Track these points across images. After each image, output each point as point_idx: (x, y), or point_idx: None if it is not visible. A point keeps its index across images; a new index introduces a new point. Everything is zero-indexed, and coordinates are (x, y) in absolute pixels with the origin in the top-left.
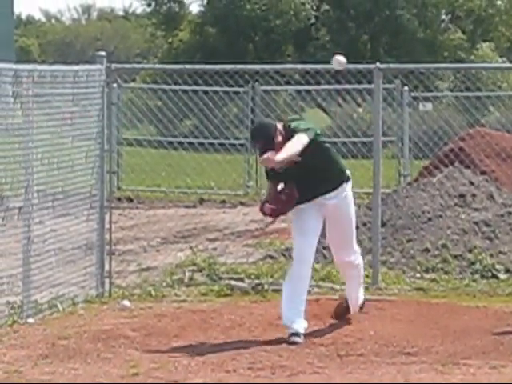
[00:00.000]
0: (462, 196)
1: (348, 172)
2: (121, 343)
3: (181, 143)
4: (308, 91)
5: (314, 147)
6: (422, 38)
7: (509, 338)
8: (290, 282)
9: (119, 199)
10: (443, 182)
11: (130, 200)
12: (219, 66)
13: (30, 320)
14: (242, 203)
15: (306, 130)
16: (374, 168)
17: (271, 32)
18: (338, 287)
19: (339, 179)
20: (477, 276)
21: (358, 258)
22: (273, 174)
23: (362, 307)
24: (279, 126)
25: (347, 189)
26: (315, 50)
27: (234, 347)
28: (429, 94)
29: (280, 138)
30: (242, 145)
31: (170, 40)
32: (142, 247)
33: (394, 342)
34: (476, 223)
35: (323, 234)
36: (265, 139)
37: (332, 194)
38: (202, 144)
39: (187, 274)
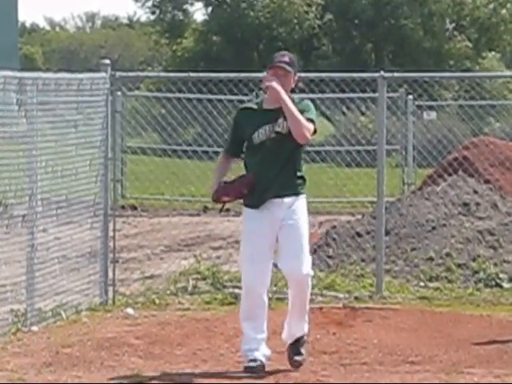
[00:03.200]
0: (465, 205)
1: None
2: (124, 351)
3: (185, 151)
4: (312, 99)
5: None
6: (427, 47)
7: None
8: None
9: (123, 207)
10: (447, 191)
11: (134, 208)
12: (223, 74)
13: (34, 328)
14: None
15: (313, 121)
16: (378, 177)
17: (275, 40)
18: (341, 296)
19: (299, 188)
20: (481, 285)
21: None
22: (249, 149)
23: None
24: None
25: (302, 203)
26: (319, 59)
27: (238, 356)
28: (433, 103)
29: (292, 85)
30: None
31: (174, 48)
32: (145, 255)
33: (398, 350)
34: (480, 232)
35: (326, 244)
36: (291, 62)
37: (288, 199)
38: (206, 152)
39: (191, 282)
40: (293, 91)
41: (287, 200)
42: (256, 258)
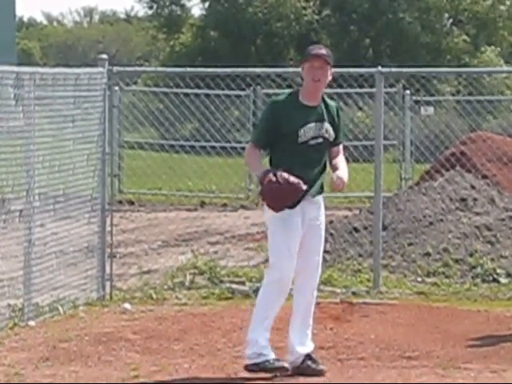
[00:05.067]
0: (463, 200)
1: None
2: (122, 346)
3: (182, 146)
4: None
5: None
6: (425, 42)
7: (510, 343)
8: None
9: (120, 202)
10: (444, 186)
11: (132, 203)
12: (221, 70)
13: (31, 323)
14: (243, 206)
15: (343, 136)
16: (376, 171)
17: (273, 35)
18: (338, 291)
19: (322, 189)
20: (478, 280)
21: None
22: (287, 145)
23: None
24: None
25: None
26: None
27: (235, 350)
28: (430, 98)
29: (330, 77)
30: (243, 148)
31: (171, 43)
32: (143, 250)
33: (395, 345)
34: (477, 227)
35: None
36: (328, 55)
37: (318, 197)
38: (203, 147)
39: (188, 277)
40: (290, 86)
41: (317, 198)
42: (293, 254)
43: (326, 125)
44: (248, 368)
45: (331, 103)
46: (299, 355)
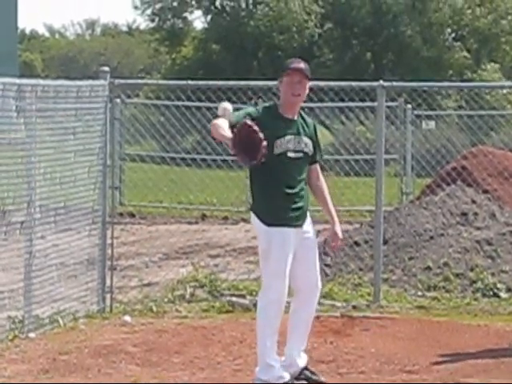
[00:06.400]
0: (464, 214)
1: None
2: (122, 359)
3: (183, 159)
4: (311, 108)
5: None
6: (426, 56)
7: (510, 357)
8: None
9: (121, 214)
10: (445, 201)
11: (132, 215)
12: (222, 82)
13: (31, 335)
14: (244, 220)
15: (321, 155)
16: (377, 186)
17: (275, 49)
18: (339, 304)
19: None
20: (478, 295)
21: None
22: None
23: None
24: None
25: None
26: (318, 68)
27: (235, 364)
28: (432, 113)
29: (307, 91)
30: None
31: (173, 56)
32: (143, 263)
33: (395, 359)
34: (478, 242)
35: (324, 253)
36: (307, 69)
37: (305, 227)
38: (204, 160)
39: (189, 290)
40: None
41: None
42: (286, 272)
43: (305, 139)
44: None
45: (309, 120)
46: (298, 368)
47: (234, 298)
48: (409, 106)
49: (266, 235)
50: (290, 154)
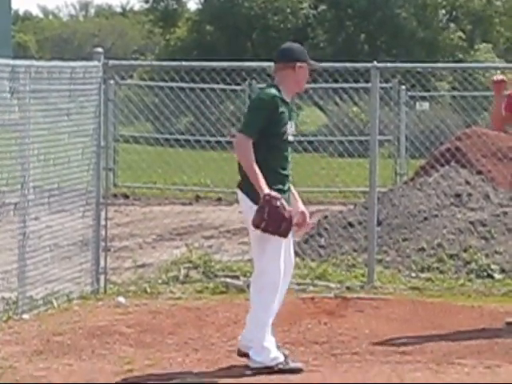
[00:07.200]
0: (458, 195)
1: None
2: (115, 340)
3: (177, 140)
4: (305, 89)
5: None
6: (421, 37)
7: (504, 338)
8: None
9: (115, 196)
10: (439, 182)
11: (126, 197)
12: (216, 64)
13: (25, 316)
14: (237, 201)
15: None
16: (371, 167)
17: (269, 30)
18: (333, 286)
19: None
20: (472, 276)
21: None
22: (276, 142)
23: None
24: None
25: None
26: (312, 49)
27: (229, 345)
28: (426, 94)
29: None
30: None
31: (167, 37)
32: (137, 244)
33: (389, 340)
34: (472, 223)
35: (318, 234)
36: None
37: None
38: (198, 141)
39: (182, 271)
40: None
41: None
42: (282, 254)
43: (293, 122)
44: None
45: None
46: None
47: (227, 279)
48: (403, 87)
49: None
50: (290, 138)
